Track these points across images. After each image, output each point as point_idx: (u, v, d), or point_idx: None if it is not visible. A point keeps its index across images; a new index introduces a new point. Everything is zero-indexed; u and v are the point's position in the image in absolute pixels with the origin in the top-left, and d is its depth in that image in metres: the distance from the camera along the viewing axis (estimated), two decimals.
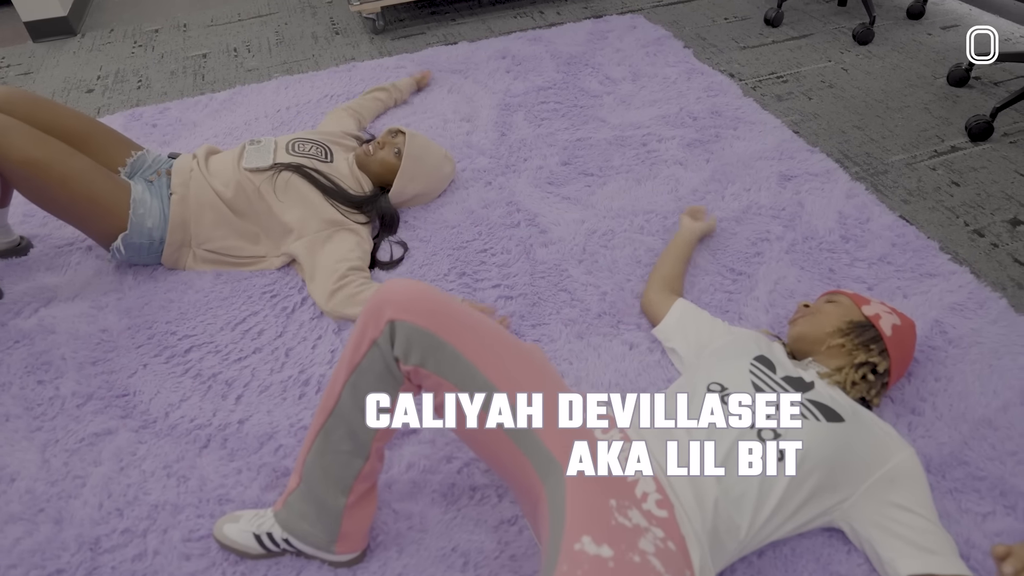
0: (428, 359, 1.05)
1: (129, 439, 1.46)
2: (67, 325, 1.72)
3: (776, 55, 2.82)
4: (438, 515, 1.30)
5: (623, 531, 0.96)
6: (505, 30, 3.08)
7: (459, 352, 1.05)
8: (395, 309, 1.05)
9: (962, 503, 1.29)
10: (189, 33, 3.25)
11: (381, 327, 1.06)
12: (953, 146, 2.27)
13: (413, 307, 1.05)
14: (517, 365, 1.08)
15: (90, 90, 2.80)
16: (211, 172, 1.83)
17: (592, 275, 1.80)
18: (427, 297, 1.07)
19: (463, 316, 1.08)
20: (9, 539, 1.29)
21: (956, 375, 1.52)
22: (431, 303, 1.07)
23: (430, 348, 1.05)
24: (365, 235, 1.85)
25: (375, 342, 1.07)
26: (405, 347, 1.05)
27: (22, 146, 1.58)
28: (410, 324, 1.04)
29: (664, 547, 0.97)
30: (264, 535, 1.22)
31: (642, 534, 0.97)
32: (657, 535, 0.99)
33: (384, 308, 1.06)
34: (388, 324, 1.05)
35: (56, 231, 2.01)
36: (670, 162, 2.19)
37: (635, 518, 1.00)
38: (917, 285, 1.74)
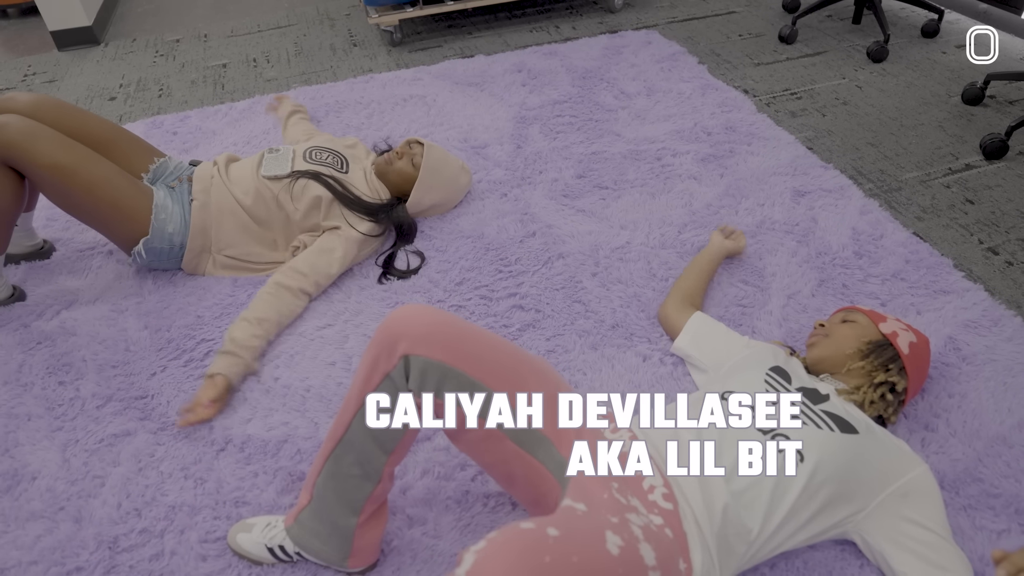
0: (443, 388, 1.04)
1: (147, 441, 1.48)
2: (88, 328, 1.74)
3: (790, 72, 2.84)
4: (452, 521, 1.31)
5: (613, 502, 0.97)
6: (521, 44, 3.11)
7: (474, 379, 1.05)
8: (410, 343, 1.04)
9: (976, 520, 1.29)
10: (209, 43, 3.30)
11: (394, 361, 1.05)
12: (967, 164, 2.28)
13: (428, 340, 1.04)
14: (533, 383, 1.09)
15: (112, 98, 2.84)
16: (231, 180, 1.86)
17: (606, 287, 1.81)
18: (442, 330, 1.05)
19: (477, 341, 1.07)
20: (30, 536, 1.30)
21: (970, 392, 1.52)
22: (445, 334, 1.05)
23: (445, 378, 1.04)
24: (350, 242, 1.83)
25: (388, 375, 1.06)
26: (420, 380, 1.04)
27: (50, 151, 1.61)
28: (425, 359, 1.03)
29: (659, 532, 0.97)
30: (276, 547, 1.23)
31: (635, 512, 0.97)
32: (654, 521, 1.00)
33: (398, 342, 1.04)
34: (402, 359, 1.04)
35: (78, 235, 2.05)
36: (684, 176, 2.21)
37: (633, 502, 1.01)
38: (931, 302, 1.75)
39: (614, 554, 0.82)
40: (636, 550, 0.86)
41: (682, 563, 1.00)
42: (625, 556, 0.83)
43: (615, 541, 0.84)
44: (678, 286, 1.72)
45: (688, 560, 1.03)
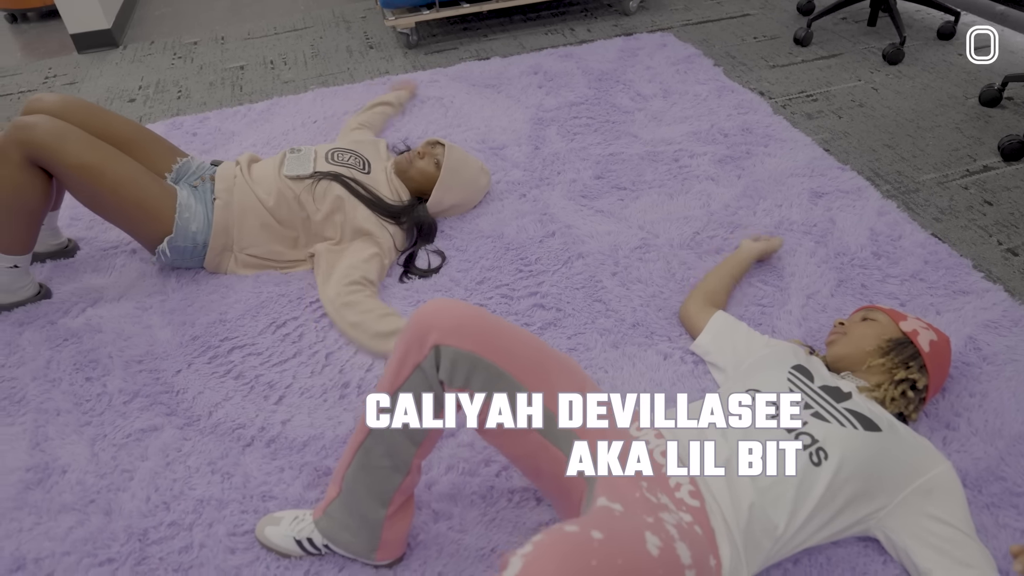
0: (473, 379, 1.06)
1: (174, 436, 1.50)
2: (113, 325, 1.76)
3: (806, 74, 2.85)
4: (477, 516, 1.33)
5: (645, 501, 0.98)
6: (537, 46, 3.13)
7: (503, 370, 1.06)
8: (440, 334, 1.06)
9: (1000, 518, 1.30)
10: (227, 46, 3.33)
11: (425, 352, 1.06)
12: (985, 166, 2.28)
13: (459, 331, 1.06)
14: (560, 377, 1.10)
15: (132, 99, 2.87)
16: (254, 179, 1.88)
17: (626, 287, 1.82)
18: (472, 321, 1.07)
19: (506, 335, 1.08)
20: (63, 527, 1.32)
21: (991, 391, 1.52)
22: (476, 326, 1.07)
23: (475, 369, 1.05)
24: (388, 248, 1.87)
25: (419, 366, 1.07)
26: (450, 371, 1.06)
27: (78, 151, 1.64)
28: (456, 349, 1.05)
29: (690, 529, 0.98)
30: (305, 540, 1.24)
31: (666, 510, 0.99)
32: (684, 518, 1.01)
33: (429, 333, 1.06)
34: (433, 349, 1.06)
35: (102, 234, 2.07)
36: (702, 177, 2.22)
37: (663, 499, 1.02)
38: (950, 302, 1.75)
39: (654, 555, 0.83)
40: (673, 550, 0.87)
41: (712, 560, 1.01)
42: (664, 556, 0.85)
43: (654, 542, 0.85)
44: (702, 286, 1.72)
45: (717, 556, 1.04)
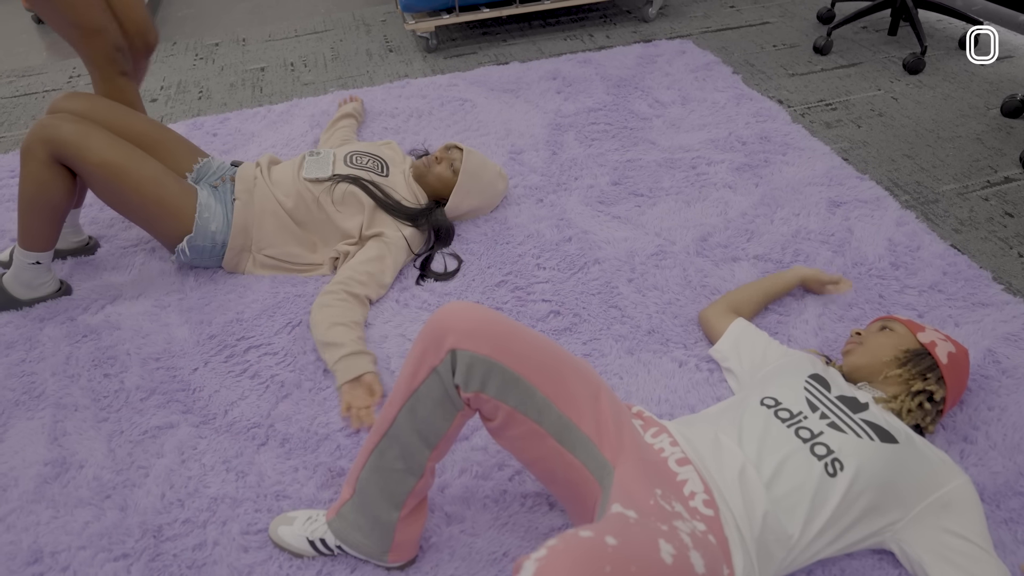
0: (489, 384, 1.06)
1: (190, 433, 1.51)
2: (132, 322, 1.78)
3: (825, 83, 2.83)
4: (489, 520, 1.33)
5: (660, 509, 0.97)
6: (555, 52, 3.14)
7: (519, 375, 1.06)
8: (457, 337, 1.06)
9: (1018, 534, 1.28)
10: (248, 47, 3.36)
11: (442, 355, 1.07)
12: (1007, 177, 2.26)
13: (475, 335, 1.06)
14: (575, 382, 1.10)
15: (154, 99, 2.90)
16: (273, 181, 1.90)
17: (642, 293, 1.82)
18: (489, 326, 1.07)
19: (522, 339, 1.08)
20: (79, 522, 1.34)
21: (1011, 405, 1.51)
22: (492, 330, 1.07)
23: (491, 374, 1.05)
24: (398, 245, 1.86)
25: (435, 369, 1.08)
26: (466, 375, 1.06)
27: (101, 149, 1.66)
28: (472, 353, 1.05)
29: (704, 538, 0.98)
30: (317, 540, 1.25)
31: (680, 519, 0.98)
32: (698, 527, 1.01)
33: (446, 336, 1.06)
34: (449, 353, 1.06)
35: (122, 232, 2.09)
36: (719, 185, 2.21)
37: (677, 507, 1.01)
38: (969, 314, 1.74)
39: (668, 563, 0.83)
40: (687, 558, 0.86)
41: (725, 569, 1.01)
42: (678, 565, 0.84)
43: (668, 550, 0.85)
44: (730, 294, 1.71)
45: (731, 566, 1.04)
